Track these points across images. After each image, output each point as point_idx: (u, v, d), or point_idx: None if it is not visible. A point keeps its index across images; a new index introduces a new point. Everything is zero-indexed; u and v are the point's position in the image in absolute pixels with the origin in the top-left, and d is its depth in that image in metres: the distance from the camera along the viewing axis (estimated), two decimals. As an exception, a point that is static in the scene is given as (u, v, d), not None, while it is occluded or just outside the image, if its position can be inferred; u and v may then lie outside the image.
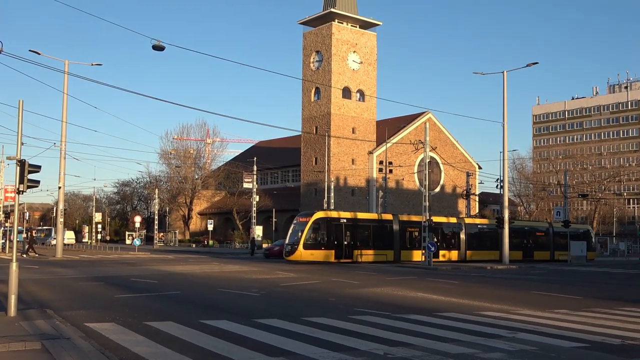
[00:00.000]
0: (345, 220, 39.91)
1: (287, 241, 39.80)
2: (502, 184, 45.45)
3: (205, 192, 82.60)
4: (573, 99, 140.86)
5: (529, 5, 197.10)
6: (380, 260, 40.06)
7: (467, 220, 47.98)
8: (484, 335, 11.30)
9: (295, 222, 40.65)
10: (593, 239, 56.67)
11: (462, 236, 45.31)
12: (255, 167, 57.54)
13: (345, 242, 39.42)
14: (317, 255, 38.05)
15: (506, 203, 43.67)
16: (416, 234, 42.25)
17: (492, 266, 38.92)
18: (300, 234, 38.18)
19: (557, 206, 67.95)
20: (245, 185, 59.57)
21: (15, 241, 14.27)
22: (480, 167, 79.13)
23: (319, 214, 39.62)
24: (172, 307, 15.22)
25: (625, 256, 70.39)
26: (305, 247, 37.76)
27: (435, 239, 41.93)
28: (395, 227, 41.78)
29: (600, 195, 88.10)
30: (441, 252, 43.23)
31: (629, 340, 11.24)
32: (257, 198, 56.87)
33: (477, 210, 77.98)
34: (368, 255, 40.16)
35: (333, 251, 38.66)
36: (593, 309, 15.99)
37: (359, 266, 35.97)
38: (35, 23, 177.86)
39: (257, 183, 58.02)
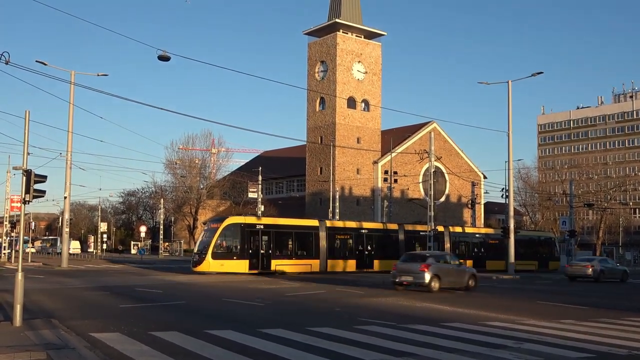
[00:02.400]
0: (263, 227, 35.78)
1: (195, 249, 36.24)
2: (507, 194, 45.37)
3: (211, 201, 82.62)
4: (578, 108, 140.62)
5: (534, 15, 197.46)
6: (304, 271, 36.40)
7: (407, 227, 43.78)
8: (489, 346, 11.26)
9: (205, 227, 37.33)
10: (557, 248, 54.41)
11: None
12: (260, 177, 57.61)
13: (263, 251, 35.27)
14: (228, 265, 33.86)
15: (511, 212, 43.55)
16: (348, 242, 39.79)
17: (497, 276, 38.75)
18: (209, 241, 34.08)
19: (562, 216, 67.75)
20: (251, 195, 59.67)
21: (21, 251, 14.31)
22: (485, 177, 79.02)
23: (231, 219, 35.82)
24: (176, 316, 15.21)
25: (632, 266, 70.07)
26: (214, 256, 33.59)
27: (370, 247, 40.03)
28: (322, 234, 37.96)
29: (606, 204, 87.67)
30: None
31: (635, 350, 11.19)
32: (262, 208, 56.88)
33: (482, 220, 77.82)
34: (289, 265, 36.29)
35: (247, 261, 34.42)
36: (599, 319, 15.92)
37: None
38: (41, 34, 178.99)
39: (262, 193, 58.07)
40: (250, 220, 36.36)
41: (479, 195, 69.79)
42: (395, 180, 58.12)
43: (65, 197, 40.37)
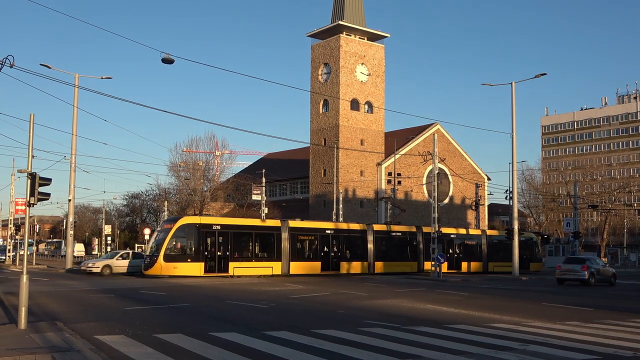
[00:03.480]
0: (220, 227, 34.34)
1: (147, 252, 34.57)
2: (511, 195, 45.31)
3: (214, 204, 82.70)
4: (582, 109, 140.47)
5: (537, 16, 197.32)
6: (265, 274, 35.08)
7: (376, 227, 42.09)
8: (494, 348, 11.24)
9: (158, 228, 35.73)
10: (539, 248, 52.84)
11: (370, 245, 40.31)
12: (264, 179, 57.61)
13: (220, 253, 33.78)
14: (182, 268, 32.37)
15: (515, 214, 43.53)
16: (312, 243, 38.31)
17: (502, 278, 38.70)
18: (162, 243, 32.53)
19: (566, 217, 67.66)
20: (254, 197, 59.58)
21: (25, 253, 14.33)
22: (489, 179, 78.91)
23: (186, 219, 34.42)
24: (181, 319, 15.22)
25: (637, 267, 69.90)
26: (167, 258, 32.07)
27: (348, 250, 39.11)
28: (285, 235, 36.47)
29: (610, 206, 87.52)
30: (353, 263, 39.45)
31: (641, 352, 11.16)
32: (266, 210, 56.87)
33: (486, 222, 77.72)
34: (248, 268, 34.66)
35: (203, 264, 33.00)
36: (604, 320, 15.89)
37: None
38: (44, 37, 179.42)
39: (265, 195, 58.05)
40: (207, 220, 35.06)
41: (482, 197, 69.70)
42: (399, 182, 58.06)
43: (69, 200, 40.44)
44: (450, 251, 44.61)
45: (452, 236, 45.10)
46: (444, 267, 41.87)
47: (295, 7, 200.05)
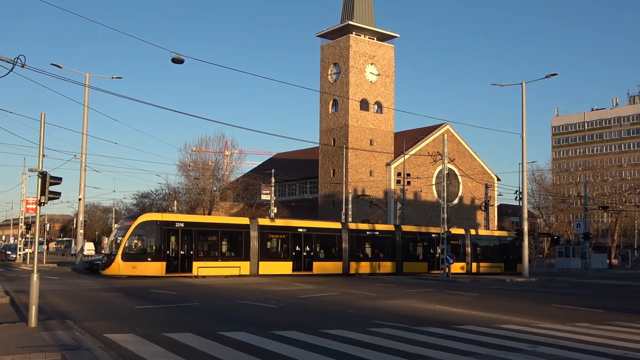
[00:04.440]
0: (183, 225, 32.53)
1: (105, 250, 32.77)
2: (521, 196, 45.13)
3: (224, 203, 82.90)
4: (593, 110, 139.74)
5: (548, 17, 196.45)
6: (232, 274, 33.52)
7: (351, 226, 40.30)
8: (504, 349, 11.20)
9: (118, 225, 34.01)
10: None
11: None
12: (273, 179, 57.68)
13: (183, 252, 32.06)
14: (142, 268, 30.66)
15: (525, 215, 43.35)
16: (283, 242, 36.74)
17: (511, 279, 38.56)
18: (120, 241, 30.87)
19: (577, 218, 67.33)
20: (264, 197, 59.69)
21: (36, 252, 14.41)
22: (499, 179, 78.62)
23: (146, 216, 32.78)
24: (190, 318, 15.26)
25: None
26: (125, 257, 30.34)
27: (320, 248, 37.62)
28: (254, 233, 34.83)
29: (621, 207, 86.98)
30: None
31: (651, 354, 11.09)
32: (275, 210, 56.94)
33: (495, 223, 77.45)
34: (214, 268, 33.15)
35: (164, 263, 31.20)
36: (614, 322, 15.80)
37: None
38: (56, 37, 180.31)
39: (275, 195, 58.11)
40: (169, 217, 33.35)
41: (492, 198, 69.49)
42: (409, 183, 57.96)
43: (79, 199, 40.61)
44: (432, 251, 42.49)
45: (433, 235, 42.63)
46: (424, 268, 41.45)
47: (304, 7, 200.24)
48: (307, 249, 36.80)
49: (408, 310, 18.00)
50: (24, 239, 57.78)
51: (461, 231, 45.40)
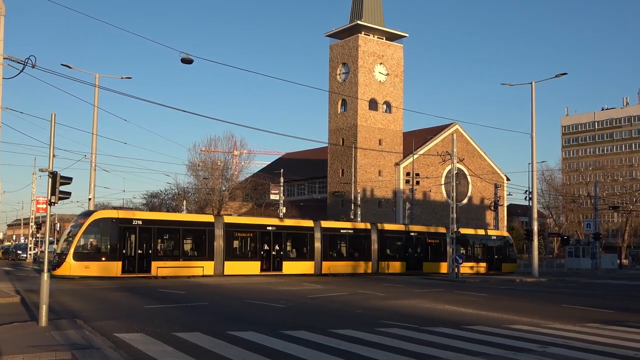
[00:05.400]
0: (141, 222, 30.78)
1: (57, 249, 30.80)
2: (530, 196, 44.98)
3: (233, 203, 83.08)
4: (603, 109, 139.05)
5: (557, 15, 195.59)
6: (194, 274, 31.99)
7: (324, 224, 38.48)
8: (513, 349, 11.17)
9: (72, 223, 31.97)
10: (514, 249, 48.93)
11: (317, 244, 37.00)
12: (282, 179, 57.73)
13: (141, 251, 30.38)
14: (95, 268, 28.77)
15: (535, 215, 43.21)
16: (251, 241, 35.21)
17: (521, 279, 38.42)
18: (72, 239, 29.04)
19: (587, 218, 67.05)
20: (273, 196, 59.74)
21: (46, 252, 14.49)
22: (508, 179, 78.39)
23: (100, 213, 31.03)
24: (199, 318, 15.31)
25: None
26: (77, 257, 28.48)
27: (292, 247, 36.30)
28: (218, 231, 33.25)
29: (631, 207, 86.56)
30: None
31: (662, 355, 11.02)
32: (284, 210, 57.00)
33: (505, 223, 77.19)
34: (175, 268, 31.51)
35: (120, 263, 29.46)
36: (625, 323, 15.72)
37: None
38: (66, 37, 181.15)
39: (283, 195, 58.16)
40: (125, 214, 31.23)
41: (501, 198, 69.26)
42: (418, 182, 57.92)
43: (89, 199, 40.79)
44: (411, 250, 41.42)
45: (412, 234, 41.80)
46: (403, 268, 40.25)
47: (313, 7, 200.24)
48: (277, 248, 35.33)
49: (417, 311, 17.98)
50: (34, 239, 58.12)
51: (441, 229, 44.12)
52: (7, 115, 31.33)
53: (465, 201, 73.95)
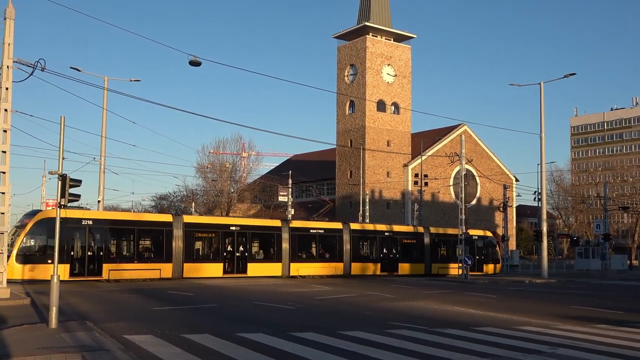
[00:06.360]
0: (91, 222, 29.05)
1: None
2: (539, 197, 44.80)
3: (241, 205, 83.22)
4: (612, 109, 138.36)
5: (566, 16, 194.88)
6: (151, 277, 30.25)
7: (294, 224, 37.02)
8: (522, 351, 11.14)
9: (17, 223, 30.36)
10: (497, 248, 46.29)
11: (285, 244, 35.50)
12: (290, 181, 57.75)
13: (91, 253, 28.84)
14: (40, 271, 26.62)
15: (544, 216, 43.00)
16: (213, 242, 33.93)
17: (530, 280, 38.27)
18: (15, 241, 27.23)
19: (596, 219, 66.73)
20: (281, 198, 59.77)
21: (56, 254, 14.55)
22: (517, 180, 78.18)
23: (46, 213, 29.30)
24: (208, 319, 15.34)
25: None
26: (20, 259, 26.68)
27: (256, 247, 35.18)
28: (177, 232, 31.51)
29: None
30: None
31: (673, 356, 10.96)
32: (292, 211, 57.04)
33: (514, 224, 76.94)
34: (129, 270, 29.78)
35: (67, 265, 27.59)
36: (635, 324, 15.64)
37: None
38: (74, 40, 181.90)
39: (292, 196, 58.19)
40: (73, 214, 28.71)
41: (510, 199, 68.97)
42: (426, 184, 57.79)
43: (99, 201, 40.93)
44: (385, 251, 39.67)
45: (387, 234, 40.16)
46: (377, 269, 38.76)
47: (321, 9, 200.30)
48: (241, 249, 33.64)
49: (426, 312, 17.95)
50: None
51: (420, 229, 42.56)
52: (17, 118, 31.41)
53: (474, 202, 73.78)
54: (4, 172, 19.46)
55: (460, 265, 38.21)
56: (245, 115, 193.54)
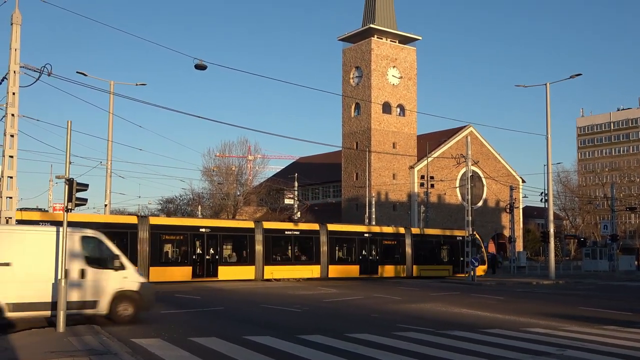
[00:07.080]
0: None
1: None
2: (546, 198, 44.66)
3: (247, 208, 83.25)
4: (618, 110, 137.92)
5: (572, 16, 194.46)
6: None
7: (267, 225, 35.66)
8: (531, 352, 11.11)
9: None
10: (482, 249, 43.53)
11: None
12: (296, 183, 57.82)
13: None
14: None
15: (551, 217, 42.85)
16: (181, 244, 32.43)
17: (537, 281, 38.14)
18: None
19: (604, 220, 66.48)
20: (287, 201, 59.89)
21: (62, 258, 14.57)
22: (524, 181, 77.97)
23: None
24: (216, 322, 15.36)
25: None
26: None
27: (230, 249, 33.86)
28: (142, 234, 30.13)
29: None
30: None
31: (682, 358, 10.91)
32: (299, 214, 57.10)
33: (521, 225, 76.69)
34: None
35: None
36: (644, 325, 15.58)
37: None
38: (80, 44, 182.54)
39: (298, 199, 58.22)
40: (30, 215, 26.77)
41: (517, 200, 68.81)
42: (432, 185, 57.67)
43: (105, 205, 41.05)
44: (364, 253, 38.18)
45: (366, 235, 38.74)
46: (355, 272, 37.21)
47: (325, 11, 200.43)
48: (212, 251, 32.24)
49: (433, 314, 17.92)
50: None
51: (401, 230, 40.78)
52: (24, 123, 31.51)
53: (480, 204, 73.64)
54: (11, 177, 19.52)
55: (434, 267, 39.79)
56: (251, 118, 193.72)
